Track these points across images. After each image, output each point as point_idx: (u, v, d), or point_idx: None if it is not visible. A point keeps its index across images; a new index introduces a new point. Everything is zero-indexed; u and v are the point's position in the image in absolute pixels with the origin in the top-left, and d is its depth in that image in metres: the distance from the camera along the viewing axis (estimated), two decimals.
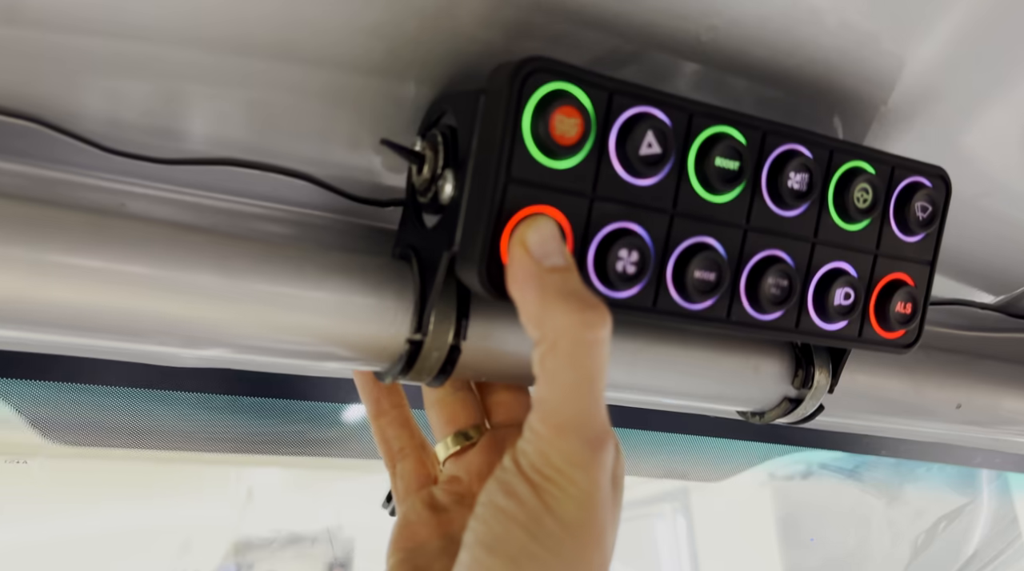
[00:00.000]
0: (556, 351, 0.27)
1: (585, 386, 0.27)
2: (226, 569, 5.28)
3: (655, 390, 0.42)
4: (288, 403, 0.53)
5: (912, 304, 0.38)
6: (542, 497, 0.26)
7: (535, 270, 0.28)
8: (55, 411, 0.49)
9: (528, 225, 0.29)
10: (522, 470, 0.27)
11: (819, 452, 2.07)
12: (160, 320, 0.30)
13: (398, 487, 0.40)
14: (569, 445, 0.27)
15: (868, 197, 0.36)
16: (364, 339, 0.34)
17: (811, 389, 0.43)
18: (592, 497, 0.27)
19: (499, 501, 0.27)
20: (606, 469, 0.27)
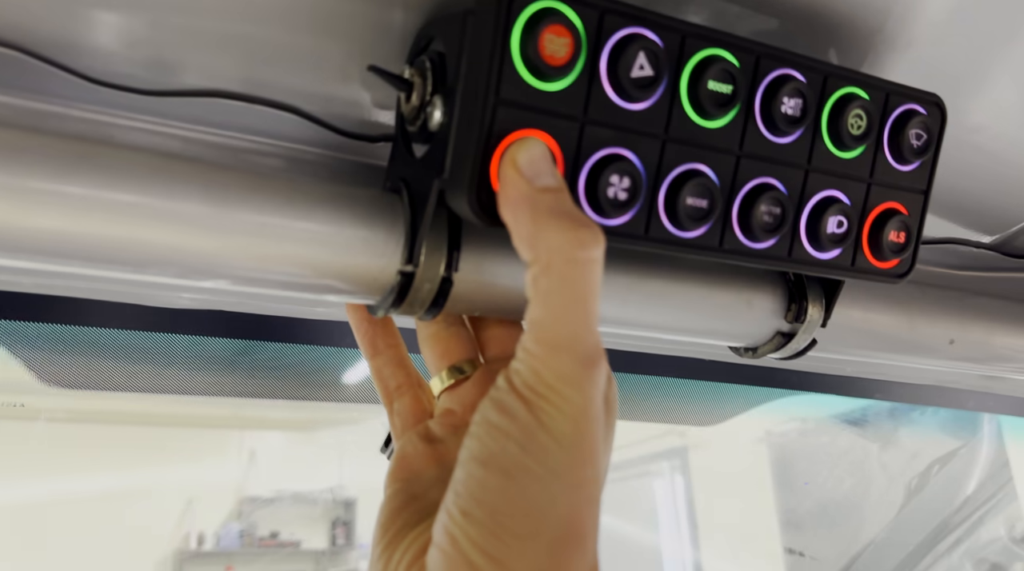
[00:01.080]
0: (549, 271, 0.27)
1: (579, 305, 0.27)
2: (230, 528, 5.35)
3: (648, 325, 0.42)
4: (286, 348, 0.54)
5: (906, 233, 0.38)
6: (535, 413, 0.27)
7: (527, 190, 0.28)
8: (50, 353, 0.49)
9: (518, 146, 0.29)
10: (515, 388, 0.27)
11: (814, 404, 2.09)
12: (146, 249, 0.30)
13: (396, 424, 0.40)
14: (562, 363, 0.27)
15: (862, 123, 0.36)
16: (355, 270, 0.34)
17: (804, 323, 0.43)
18: (585, 413, 0.27)
19: (493, 418, 0.27)
20: (598, 387, 0.27)
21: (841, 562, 1.54)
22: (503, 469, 0.27)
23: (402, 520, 0.33)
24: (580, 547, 0.27)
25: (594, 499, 0.28)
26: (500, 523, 0.26)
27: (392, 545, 0.31)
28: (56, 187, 0.28)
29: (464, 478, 0.28)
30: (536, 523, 0.26)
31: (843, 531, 1.65)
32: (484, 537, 0.27)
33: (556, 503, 0.27)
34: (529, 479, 0.26)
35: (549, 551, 0.27)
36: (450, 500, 0.28)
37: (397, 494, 0.35)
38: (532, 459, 0.26)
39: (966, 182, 0.54)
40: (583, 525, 0.27)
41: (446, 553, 0.27)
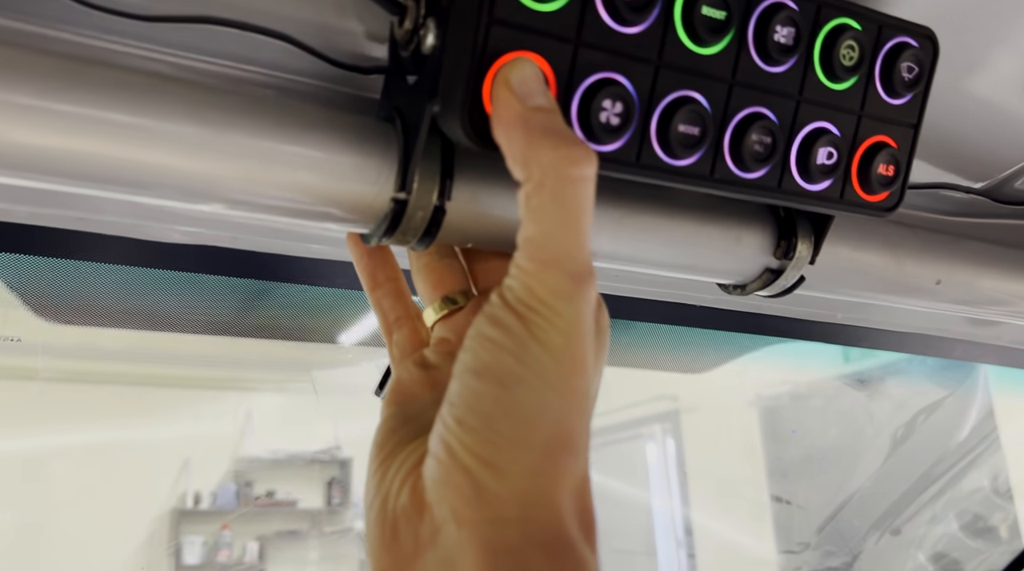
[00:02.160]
0: (542, 188, 0.27)
1: (571, 222, 0.28)
2: (226, 488, 5.41)
3: (638, 260, 0.42)
4: (281, 288, 0.54)
5: (895, 166, 0.38)
6: (528, 326, 0.27)
7: (519, 109, 0.28)
8: (47, 288, 0.49)
9: (511, 66, 0.29)
10: (508, 303, 0.28)
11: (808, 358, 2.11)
12: (138, 169, 0.30)
13: (394, 353, 0.41)
14: (554, 278, 0.27)
15: (854, 55, 0.36)
16: (348, 197, 0.34)
17: (792, 260, 0.43)
18: (576, 327, 0.28)
19: (487, 331, 0.28)
20: (589, 302, 0.28)
21: (827, 510, 1.57)
22: (497, 378, 0.27)
23: (397, 438, 0.33)
24: (571, 453, 0.28)
25: (584, 410, 0.29)
26: (494, 429, 0.27)
27: (387, 461, 0.32)
28: (46, 104, 0.28)
29: (459, 389, 0.28)
30: (529, 428, 0.27)
31: (829, 480, 1.69)
32: (479, 443, 0.27)
33: (548, 410, 0.27)
34: (522, 388, 0.27)
35: (541, 455, 0.27)
36: (445, 411, 0.29)
37: (393, 416, 0.36)
38: (525, 369, 0.27)
39: (958, 127, 0.54)
40: (574, 431, 0.28)
41: (442, 461, 0.28)
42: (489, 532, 0.27)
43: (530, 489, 0.27)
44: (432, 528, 0.28)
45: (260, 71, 0.39)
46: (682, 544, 3.69)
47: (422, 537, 0.28)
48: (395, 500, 0.30)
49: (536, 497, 0.27)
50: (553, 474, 0.28)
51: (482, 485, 0.27)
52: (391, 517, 0.30)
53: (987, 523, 1.35)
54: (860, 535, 1.37)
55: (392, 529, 0.29)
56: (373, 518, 0.31)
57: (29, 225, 0.42)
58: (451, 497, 0.28)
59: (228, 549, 4.68)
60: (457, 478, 0.28)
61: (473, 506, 0.27)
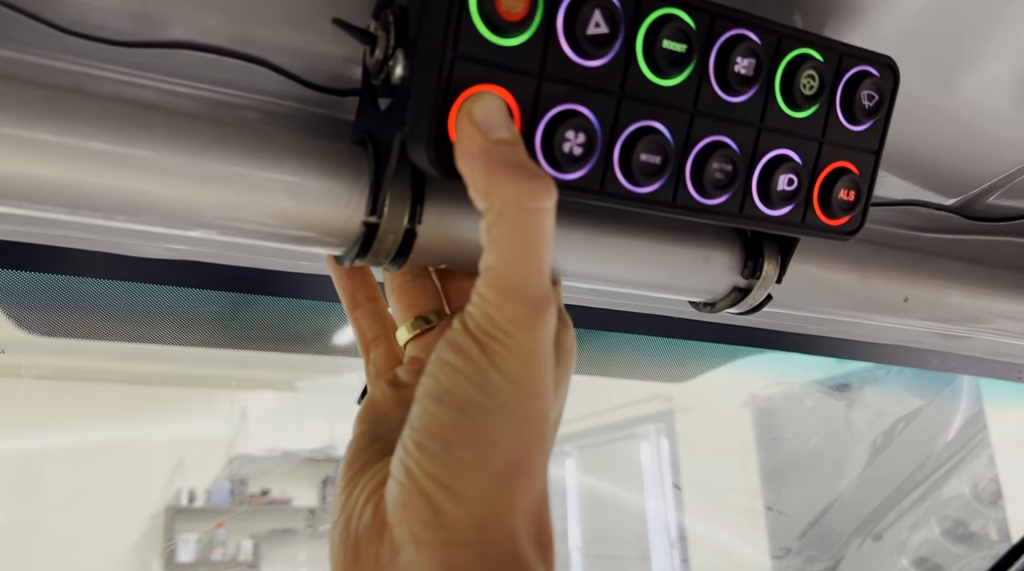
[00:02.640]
0: (502, 219, 0.28)
1: (530, 252, 0.29)
2: (220, 486, 5.39)
3: (608, 279, 0.43)
4: (268, 301, 0.55)
5: (856, 191, 0.39)
6: (487, 353, 0.28)
7: (481, 142, 0.29)
8: (30, 301, 0.50)
9: (474, 100, 0.30)
10: (469, 330, 0.29)
11: (795, 367, 2.13)
12: (116, 195, 0.31)
13: (370, 372, 0.41)
14: (513, 307, 0.28)
15: (815, 84, 0.37)
16: (321, 220, 0.35)
17: (759, 279, 0.44)
18: (534, 354, 0.29)
19: (448, 357, 0.29)
20: (547, 330, 0.29)
21: (808, 516, 1.58)
22: (456, 404, 0.28)
23: (365, 457, 0.34)
24: (528, 477, 0.29)
25: (541, 435, 0.29)
26: (452, 454, 0.28)
27: (354, 480, 0.33)
28: (25, 134, 0.29)
29: (419, 413, 0.29)
30: (486, 453, 0.28)
31: (811, 487, 1.70)
32: (437, 467, 0.28)
33: (505, 436, 0.28)
34: (480, 413, 0.28)
35: (498, 479, 0.28)
36: (406, 435, 0.30)
37: (363, 434, 0.36)
38: (483, 396, 0.28)
39: (929, 144, 0.55)
40: (530, 456, 0.29)
41: (402, 484, 0.29)
42: (446, 554, 0.28)
43: (486, 513, 0.28)
44: (392, 549, 0.29)
45: (239, 94, 0.40)
46: (675, 545, 3.71)
47: (382, 558, 0.29)
48: (358, 520, 0.31)
49: (492, 521, 0.28)
50: (509, 498, 0.28)
51: (440, 508, 0.28)
52: (353, 537, 0.30)
53: (968, 528, 1.37)
54: (842, 541, 1.39)
55: (354, 549, 0.30)
56: (337, 537, 0.32)
57: (11, 241, 0.43)
58: (410, 519, 0.29)
59: (222, 547, 4.69)
60: (416, 501, 0.28)
61: (431, 529, 0.28)
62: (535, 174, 0.29)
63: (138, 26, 0.37)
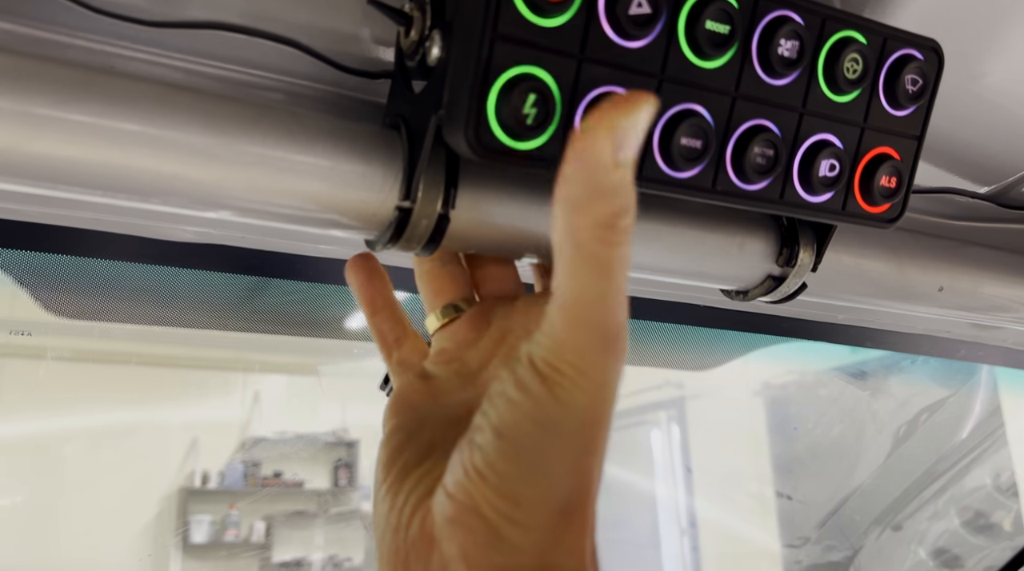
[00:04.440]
0: (583, 248, 0.25)
1: (612, 282, 0.25)
2: (234, 468, 5.44)
3: (641, 266, 0.43)
4: (289, 285, 0.54)
5: (897, 178, 0.38)
6: (551, 389, 0.26)
7: (608, 161, 0.24)
8: (57, 284, 0.50)
9: (627, 108, 0.24)
10: (535, 364, 0.27)
11: (811, 354, 2.11)
12: (148, 177, 0.31)
13: (395, 370, 0.41)
14: (584, 341, 0.26)
15: (858, 68, 0.36)
16: (354, 205, 0.35)
17: (795, 267, 0.44)
18: (602, 391, 0.26)
19: (510, 392, 0.27)
20: (619, 364, 0.27)
21: (828, 506, 1.57)
22: (517, 442, 0.27)
23: (403, 460, 0.33)
24: (589, 503, 0.28)
25: (599, 467, 0.28)
26: (513, 489, 0.27)
27: (396, 485, 0.32)
28: (58, 114, 0.29)
29: (481, 442, 0.28)
30: (548, 490, 0.27)
31: (831, 476, 1.69)
32: (498, 498, 0.27)
33: (568, 472, 0.27)
34: (541, 451, 0.26)
35: (561, 513, 0.27)
36: (467, 457, 0.28)
37: (396, 431, 0.35)
38: (545, 433, 0.26)
39: (965, 131, 0.54)
40: (592, 487, 0.28)
41: (459, 503, 0.28)
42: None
43: (548, 541, 0.27)
44: (440, 564, 0.28)
45: (269, 76, 0.39)
46: (686, 533, 3.71)
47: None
48: (406, 532, 0.30)
49: (553, 547, 0.27)
50: (571, 527, 0.27)
51: (500, 534, 0.27)
52: (404, 550, 0.29)
53: (988, 520, 1.36)
54: (861, 530, 1.38)
55: (404, 562, 0.29)
56: (386, 550, 0.31)
57: (42, 224, 0.43)
58: (461, 538, 0.27)
59: (236, 528, 4.73)
60: (472, 522, 0.27)
61: (485, 551, 0.27)
62: (627, 206, 0.25)
63: (168, 6, 0.36)
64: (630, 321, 0.37)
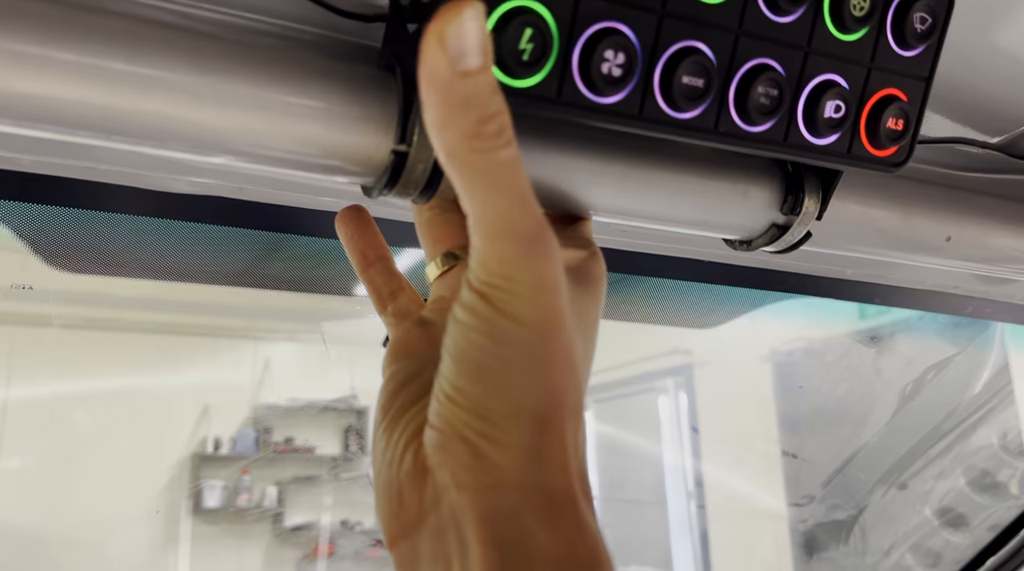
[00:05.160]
0: (458, 162, 0.26)
1: (500, 192, 0.26)
2: (245, 434, 5.53)
3: (643, 215, 0.42)
4: (290, 241, 0.54)
5: (904, 120, 0.38)
6: (492, 303, 0.27)
7: (443, 72, 0.25)
8: (56, 236, 0.50)
9: (449, 16, 0.24)
10: (471, 285, 0.28)
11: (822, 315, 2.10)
12: (139, 118, 0.30)
13: (391, 322, 0.41)
14: (503, 249, 0.27)
15: (865, 4, 0.35)
16: (349, 148, 0.34)
17: (799, 215, 0.43)
18: (539, 291, 0.27)
19: (458, 315, 0.28)
20: (550, 260, 0.27)
21: (834, 464, 1.58)
22: (475, 361, 0.28)
23: (400, 401, 0.33)
24: (566, 415, 0.28)
25: (572, 369, 0.29)
26: (483, 406, 0.28)
27: (392, 425, 0.32)
28: (44, 52, 0.28)
29: (445, 371, 0.29)
30: (517, 402, 0.27)
31: (837, 435, 1.69)
32: (471, 419, 0.28)
33: (533, 380, 0.27)
34: (500, 365, 0.27)
35: (534, 423, 0.28)
36: (437, 388, 0.29)
37: (394, 376, 0.36)
38: (500, 346, 0.27)
39: (974, 80, 0.53)
40: (564, 394, 0.28)
41: (441, 431, 0.29)
42: (488, 497, 0.27)
43: (527, 457, 0.28)
44: (434, 493, 0.29)
45: (262, 19, 0.38)
46: (693, 495, 3.75)
47: (425, 502, 0.29)
48: (399, 466, 0.30)
49: (533, 463, 0.28)
50: (548, 439, 0.28)
51: (481, 454, 0.28)
52: (397, 483, 0.30)
53: (994, 479, 1.36)
54: (866, 489, 1.38)
55: (398, 495, 0.30)
56: (381, 486, 0.31)
57: (35, 174, 0.42)
58: (451, 463, 0.28)
59: (248, 493, 4.80)
60: (456, 447, 0.28)
61: (472, 472, 0.28)
62: (489, 113, 0.25)
63: None
64: (631, 277, 0.36)
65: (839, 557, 1.62)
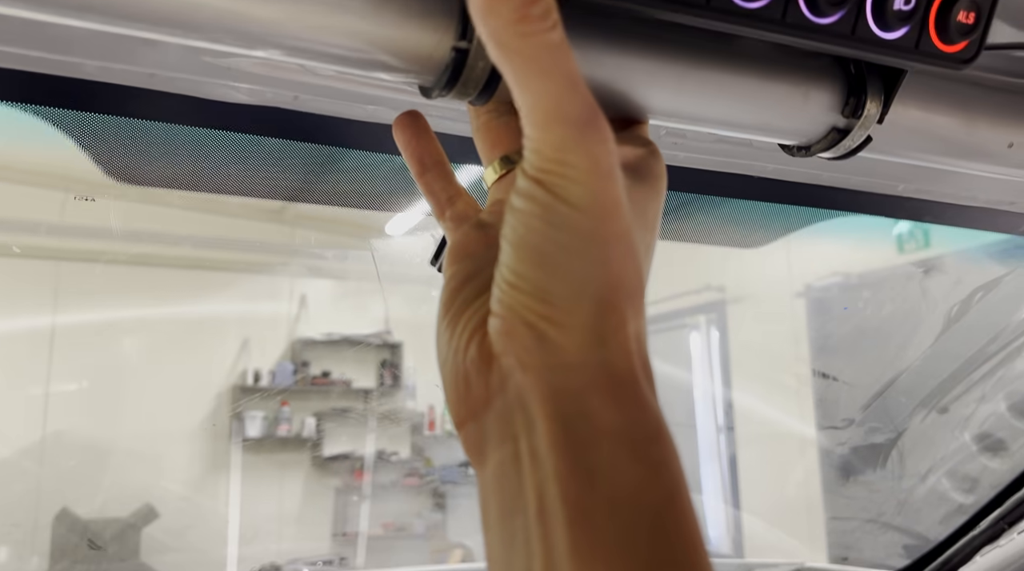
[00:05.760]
0: (504, 49, 0.27)
1: (549, 77, 0.27)
2: (284, 367, 5.67)
3: (701, 118, 0.41)
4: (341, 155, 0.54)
5: (976, 13, 0.36)
6: (548, 188, 0.28)
7: None
8: (117, 147, 0.51)
9: None
10: (527, 173, 0.29)
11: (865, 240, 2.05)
12: (186, 8, 0.30)
13: (450, 226, 0.41)
14: (554, 135, 0.27)
15: None
16: (408, 44, 0.34)
17: (861, 118, 0.42)
18: (594, 173, 0.28)
19: (516, 203, 0.29)
20: (603, 143, 0.28)
21: (874, 388, 1.58)
22: (535, 247, 0.28)
23: (462, 297, 0.34)
24: (626, 297, 0.29)
25: (631, 256, 0.29)
26: (544, 290, 0.28)
27: (455, 319, 0.33)
28: None
29: (505, 259, 0.29)
30: (578, 285, 0.28)
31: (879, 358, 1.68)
32: (534, 303, 0.29)
33: (592, 263, 0.28)
34: (559, 250, 0.28)
35: (595, 305, 0.28)
36: (499, 276, 0.30)
37: (455, 275, 0.37)
38: (557, 230, 0.28)
39: None
40: (624, 276, 0.29)
41: (504, 318, 0.30)
42: (552, 377, 0.28)
43: (589, 338, 0.28)
44: (500, 377, 0.30)
45: None
46: (722, 419, 3.80)
47: (492, 386, 0.30)
48: (464, 354, 0.32)
49: (595, 344, 0.28)
50: (609, 321, 0.28)
51: (544, 336, 0.29)
52: (463, 370, 0.31)
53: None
54: (906, 413, 1.38)
55: (465, 381, 0.31)
56: (447, 373, 0.33)
57: (98, 82, 0.43)
58: (515, 347, 0.29)
59: (287, 424, 4.95)
60: (519, 331, 0.29)
61: (535, 354, 0.29)
62: None
63: None
64: (677, 193, 0.36)
65: (876, 480, 1.63)
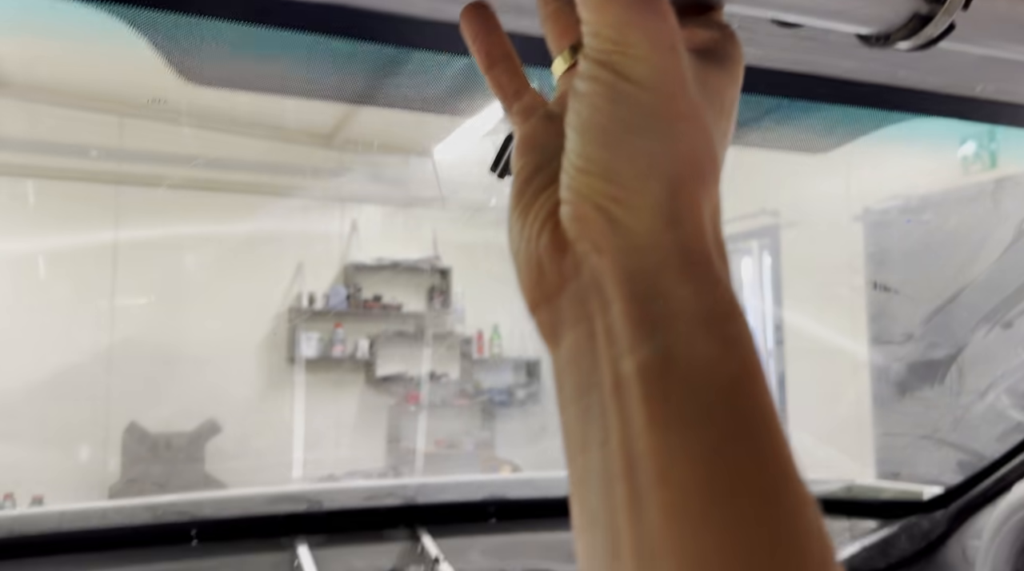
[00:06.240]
0: None
1: None
2: (337, 291, 5.83)
3: (775, 4, 0.40)
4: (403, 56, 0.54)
5: None
6: (610, 68, 0.28)
7: None
8: (188, 48, 0.51)
9: None
10: (589, 57, 0.29)
11: None
12: None
13: (518, 120, 0.42)
14: (610, 15, 0.28)
15: None
16: None
17: (945, 3, 0.40)
18: (655, 50, 0.28)
19: (579, 87, 0.29)
20: (662, 21, 0.28)
21: (936, 302, 1.54)
22: (600, 127, 0.29)
23: (533, 187, 0.35)
24: (699, 176, 0.29)
25: (701, 135, 0.29)
26: (612, 170, 0.29)
27: (526, 209, 0.34)
28: None
29: (572, 145, 0.30)
30: (644, 165, 0.28)
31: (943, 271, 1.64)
32: (604, 185, 0.29)
33: (657, 143, 0.28)
34: (624, 129, 0.28)
35: (663, 187, 0.28)
36: (567, 163, 0.30)
37: (524, 166, 0.37)
38: (623, 109, 0.28)
39: None
40: (696, 154, 0.29)
41: (574, 203, 0.30)
42: (626, 258, 0.29)
43: (660, 219, 0.29)
44: (574, 261, 0.30)
45: None
46: (771, 333, 3.79)
47: (566, 270, 0.31)
48: (537, 242, 0.32)
49: (667, 225, 0.29)
50: (680, 201, 0.29)
51: (615, 219, 0.29)
52: (536, 257, 0.32)
53: None
54: (968, 328, 1.35)
55: (538, 267, 0.32)
56: (521, 261, 0.33)
57: None
58: (589, 231, 0.30)
59: (342, 345, 5.09)
60: (590, 215, 0.29)
61: (609, 237, 0.29)
62: None
63: None
64: (746, 95, 0.36)
65: (933, 396, 1.61)
